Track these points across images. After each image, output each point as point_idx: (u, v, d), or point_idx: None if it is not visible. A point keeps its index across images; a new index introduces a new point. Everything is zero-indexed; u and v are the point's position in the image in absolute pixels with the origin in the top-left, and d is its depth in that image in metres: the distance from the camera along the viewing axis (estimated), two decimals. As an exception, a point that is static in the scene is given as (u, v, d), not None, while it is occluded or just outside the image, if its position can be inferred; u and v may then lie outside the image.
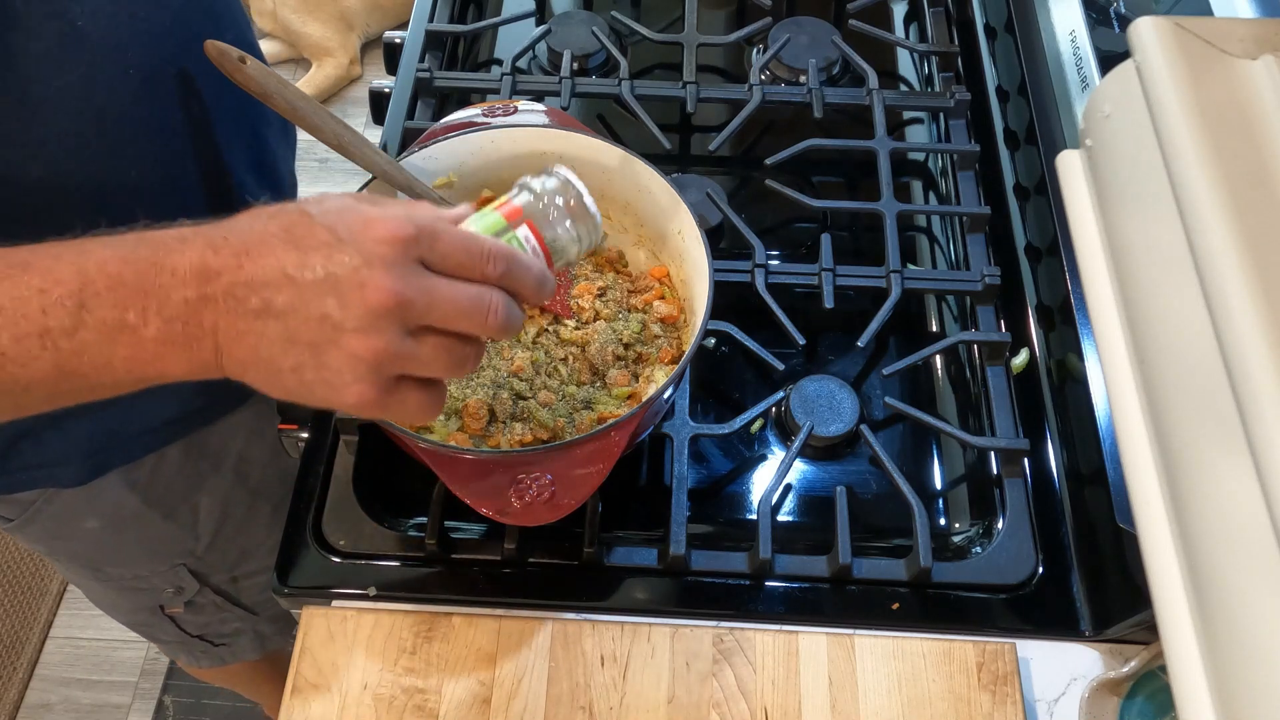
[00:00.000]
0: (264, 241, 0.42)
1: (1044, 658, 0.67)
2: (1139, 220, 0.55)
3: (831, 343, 0.82)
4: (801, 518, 0.73)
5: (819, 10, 1.03)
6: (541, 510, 0.58)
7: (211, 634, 1.01)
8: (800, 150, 0.87)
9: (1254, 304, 0.43)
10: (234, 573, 0.94)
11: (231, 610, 0.98)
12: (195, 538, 0.88)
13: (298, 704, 0.64)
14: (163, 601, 0.93)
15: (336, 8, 2.26)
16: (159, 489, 0.81)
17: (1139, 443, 0.53)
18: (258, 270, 0.41)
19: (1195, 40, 0.52)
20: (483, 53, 1.04)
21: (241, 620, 1.00)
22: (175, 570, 0.90)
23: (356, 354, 0.42)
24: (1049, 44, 0.86)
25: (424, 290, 0.43)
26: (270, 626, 1.04)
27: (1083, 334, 0.72)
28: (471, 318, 0.44)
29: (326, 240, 0.42)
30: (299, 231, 0.42)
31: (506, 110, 0.73)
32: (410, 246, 0.43)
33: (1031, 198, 0.87)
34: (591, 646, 0.66)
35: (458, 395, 0.67)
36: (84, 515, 0.80)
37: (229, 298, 0.41)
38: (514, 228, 0.50)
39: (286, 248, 0.42)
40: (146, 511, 0.82)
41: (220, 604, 0.96)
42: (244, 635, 1.03)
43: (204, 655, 1.04)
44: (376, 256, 0.42)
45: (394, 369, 0.44)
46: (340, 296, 0.41)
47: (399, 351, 0.43)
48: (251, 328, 0.42)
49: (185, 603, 0.94)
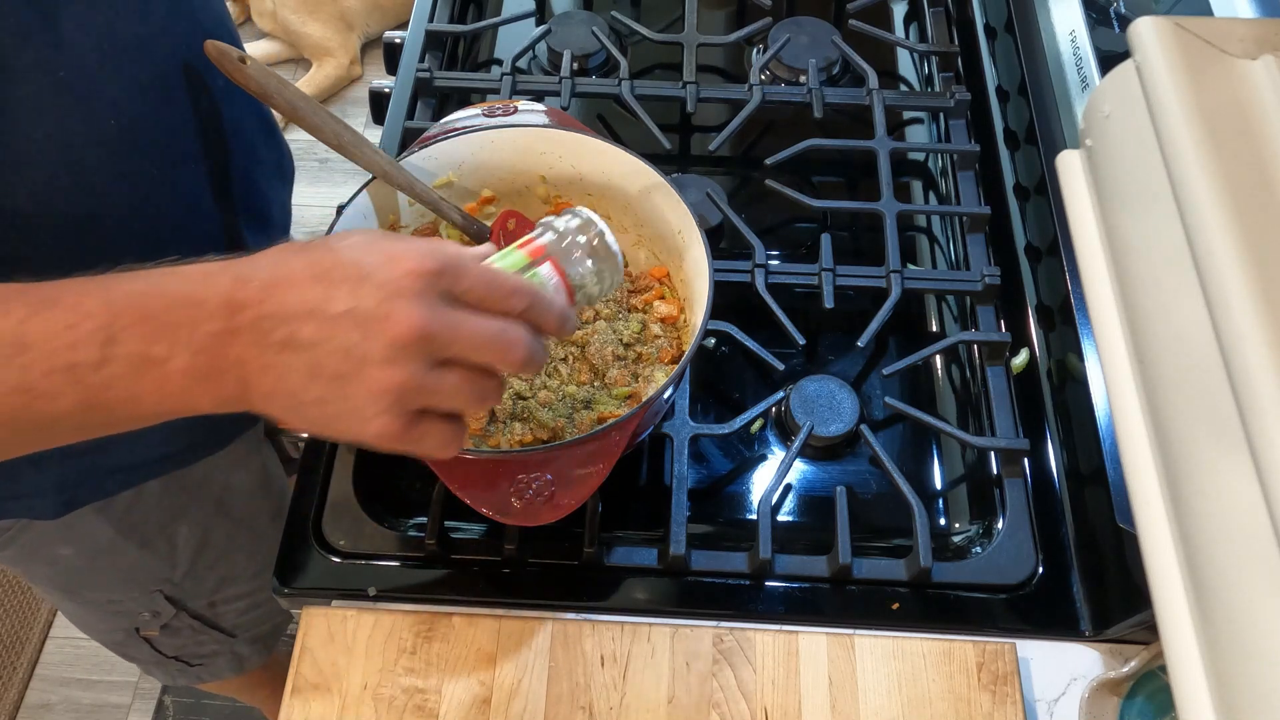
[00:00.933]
0: (290, 276, 0.42)
1: (1044, 658, 0.67)
2: (1139, 220, 0.55)
3: (831, 343, 0.82)
4: (801, 518, 0.73)
5: (819, 10, 1.03)
6: (541, 510, 0.58)
7: (188, 655, 0.99)
8: (800, 150, 0.87)
9: (1254, 304, 0.43)
10: (212, 598, 0.93)
11: (209, 633, 0.96)
12: (172, 566, 0.87)
13: (298, 704, 0.64)
14: (138, 624, 0.92)
15: (336, 8, 2.26)
16: (134, 521, 0.80)
17: (1139, 443, 0.53)
18: (283, 303, 0.42)
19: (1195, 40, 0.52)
20: (483, 53, 1.04)
21: (219, 642, 0.99)
22: (151, 596, 0.88)
23: (381, 386, 0.42)
24: (1049, 44, 0.86)
25: (448, 324, 0.43)
26: (248, 648, 1.03)
27: (1083, 334, 0.72)
28: (495, 351, 0.44)
29: (352, 274, 0.42)
30: (325, 266, 0.42)
31: (506, 110, 0.73)
32: (435, 280, 0.43)
33: (1031, 198, 0.87)
34: (591, 646, 0.66)
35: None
36: (58, 544, 0.79)
37: (254, 330, 0.42)
38: (537, 265, 0.50)
39: (312, 282, 0.42)
40: (121, 542, 0.81)
41: (197, 627, 0.95)
42: (221, 656, 1.02)
43: (180, 674, 1.02)
44: (401, 289, 0.42)
45: (417, 402, 0.44)
46: (365, 329, 0.41)
47: (422, 384, 0.43)
48: (277, 361, 0.42)
49: (161, 626, 0.92)
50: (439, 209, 0.64)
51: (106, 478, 0.76)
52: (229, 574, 0.92)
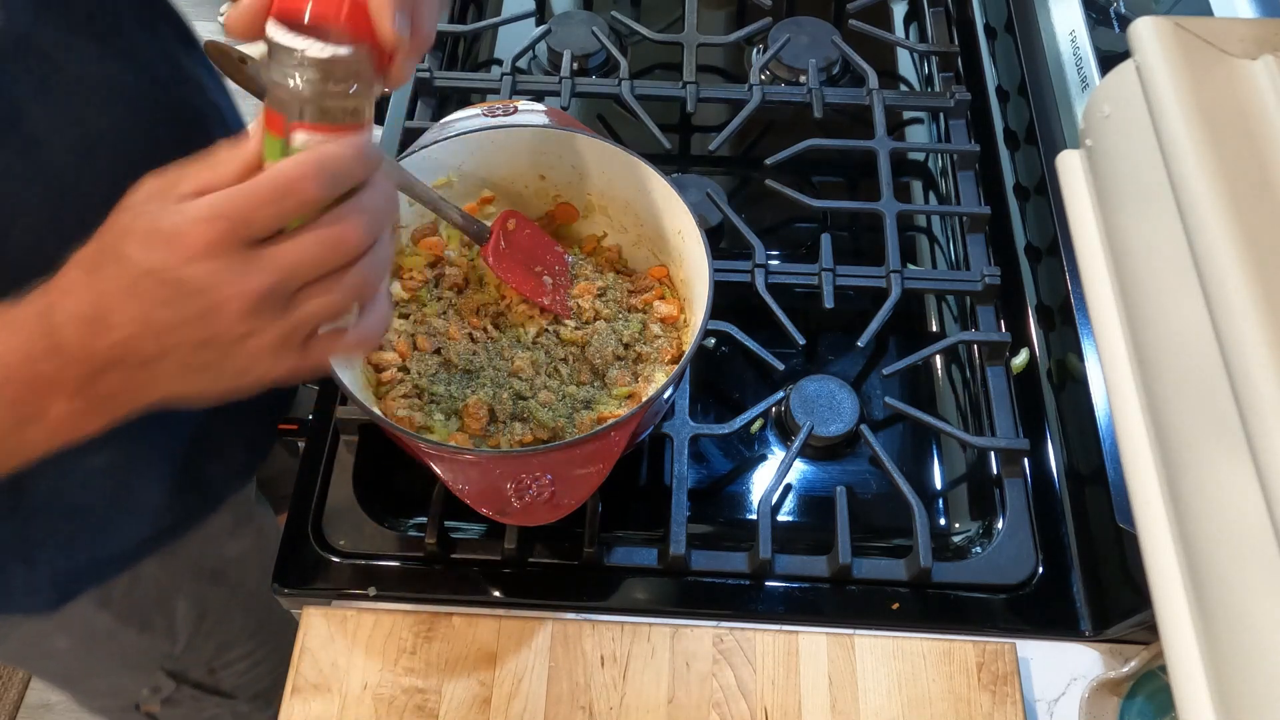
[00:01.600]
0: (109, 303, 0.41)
1: (1044, 658, 0.67)
2: (1139, 220, 0.55)
3: (831, 343, 0.82)
4: (801, 518, 0.73)
5: (819, 10, 1.03)
6: (541, 510, 0.58)
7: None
8: (800, 150, 0.87)
9: (1254, 304, 0.43)
10: (212, 665, 0.91)
11: (209, 699, 0.95)
12: (172, 643, 0.85)
13: (298, 704, 0.64)
14: (139, 701, 0.90)
15: (336, 8, 2.26)
16: (133, 603, 0.79)
17: (1139, 443, 0.53)
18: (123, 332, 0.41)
19: (1195, 40, 0.52)
20: (483, 53, 1.05)
21: (219, 706, 0.97)
22: (152, 674, 0.87)
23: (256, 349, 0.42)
24: (1049, 44, 0.86)
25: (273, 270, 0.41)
26: (248, 705, 1.01)
27: (1083, 334, 0.72)
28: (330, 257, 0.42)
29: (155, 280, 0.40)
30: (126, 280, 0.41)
31: (506, 110, 0.73)
32: (230, 242, 0.40)
33: (1031, 198, 0.87)
34: (591, 646, 0.66)
35: (458, 395, 0.67)
36: (53, 636, 0.78)
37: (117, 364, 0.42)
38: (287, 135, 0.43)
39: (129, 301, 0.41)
40: (120, 628, 0.79)
41: (198, 695, 0.93)
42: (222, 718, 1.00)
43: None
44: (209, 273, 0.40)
45: (298, 336, 0.43)
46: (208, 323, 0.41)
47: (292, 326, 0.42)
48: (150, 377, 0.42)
49: (162, 700, 0.91)
50: (439, 209, 0.64)
51: (105, 565, 0.75)
52: (227, 639, 0.90)
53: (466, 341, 0.70)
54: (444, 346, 0.69)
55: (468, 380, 0.68)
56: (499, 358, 0.69)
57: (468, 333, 0.70)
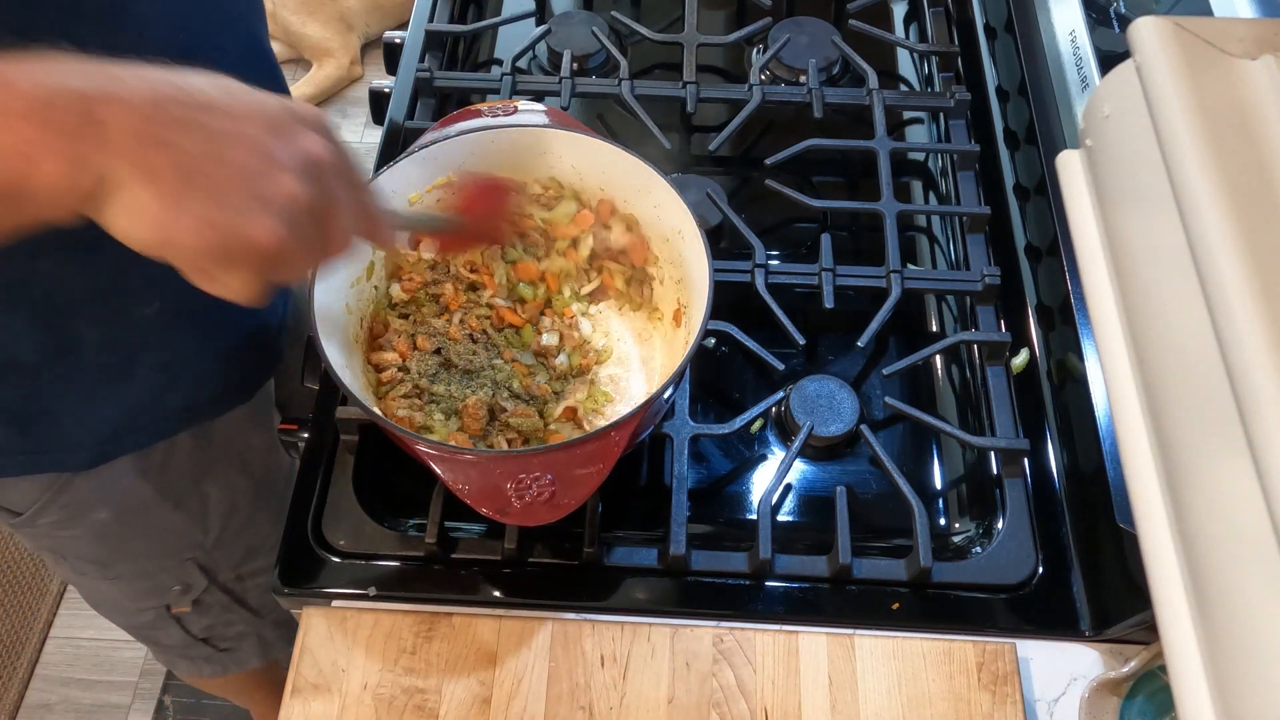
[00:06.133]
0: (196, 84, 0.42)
1: (1044, 658, 0.67)
2: (1139, 220, 0.55)
3: (831, 343, 0.82)
4: (801, 518, 0.73)
5: (819, 10, 1.03)
6: (541, 510, 0.58)
7: (216, 637, 1.00)
8: (800, 150, 0.87)
9: (1254, 304, 0.43)
10: (240, 570, 0.94)
11: (237, 611, 0.97)
12: (204, 530, 0.88)
13: (298, 704, 0.64)
14: (169, 601, 0.93)
15: (336, 8, 2.26)
16: (170, 476, 0.82)
17: (1139, 443, 0.53)
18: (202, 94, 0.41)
19: (1195, 40, 0.52)
20: (483, 53, 1.05)
21: (246, 623, 1.00)
22: (184, 565, 0.90)
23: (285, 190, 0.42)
24: (1049, 44, 0.86)
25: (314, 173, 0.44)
26: (274, 631, 1.03)
27: (1083, 334, 0.72)
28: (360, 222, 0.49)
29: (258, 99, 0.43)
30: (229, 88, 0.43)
31: (506, 110, 0.73)
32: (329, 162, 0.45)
33: (1031, 198, 0.87)
34: (591, 646, 0.66)
35: (458, 395, 0.67)
36: (95, 506, 0.80)
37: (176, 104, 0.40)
38: None
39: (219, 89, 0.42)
40: (158, 501, 0.82)
41: (226, 604, 0.96)
42: (248, 639, 1.02)
43: (206, 663, 1.03)
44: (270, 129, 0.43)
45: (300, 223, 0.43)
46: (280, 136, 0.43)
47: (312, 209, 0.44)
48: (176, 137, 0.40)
49: (192, 601, 0.93)
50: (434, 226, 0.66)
51: (144, 429, 0.77)
52: (254, 543, 0.93)
53: (466, 341, 0.70)
54: (444, 346, 0.69)
55: (468, 380, 0.68)
56: (499, 358, 0.70)
57: (468, 333, 0.70)
